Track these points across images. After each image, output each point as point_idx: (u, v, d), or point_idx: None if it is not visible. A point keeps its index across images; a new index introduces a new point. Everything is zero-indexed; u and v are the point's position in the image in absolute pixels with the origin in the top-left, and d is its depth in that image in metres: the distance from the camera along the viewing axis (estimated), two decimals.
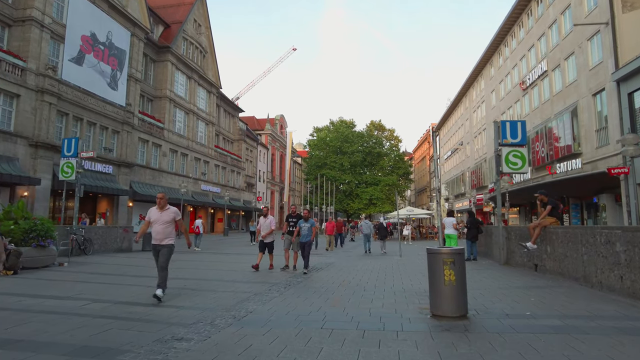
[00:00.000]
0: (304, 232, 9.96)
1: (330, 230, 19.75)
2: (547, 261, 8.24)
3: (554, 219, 8.40)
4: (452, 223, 12.01)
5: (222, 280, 8.43)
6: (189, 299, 6.30)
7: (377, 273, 9.63)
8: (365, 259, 13.83)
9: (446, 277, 4.73)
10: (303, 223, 10.05)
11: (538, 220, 8.62)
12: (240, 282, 8.12)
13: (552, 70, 26.28)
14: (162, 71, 35.78)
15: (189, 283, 7.97)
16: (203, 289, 7.30)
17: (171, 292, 6.64)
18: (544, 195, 8.77)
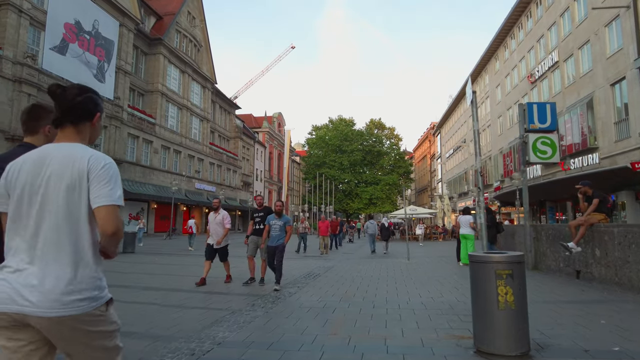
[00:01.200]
0: (275, 233, 7.27)
1: (324, 230, 16.73)
2: (595, 267, 6.74)
3: (603, 215, 6.92)
4: (469, 222, 10.53)
5: (197, 291, 6.92)
6: (147, 319, 4.80)
7: (385, 281, 8.14)
8: (369, 262, 12.35)
9: (501, 297, 3.23)
10: (274, 220, 7.36)
11: (583, 216, 7.13)
12: (218, 294, 6.62)
13: (564, 60, 24.82)
14: (153, 64, 34.25)
15: (158, 295, 6.47)
16: (169, 303, 5.80)
17: (130, 309, 5.15)
18: (587, 186, 7.27)
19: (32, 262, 1.45)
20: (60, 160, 1.51)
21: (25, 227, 1.49)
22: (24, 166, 1.54)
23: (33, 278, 1.42)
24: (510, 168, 32.81)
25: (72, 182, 1.50)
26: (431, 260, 12.60)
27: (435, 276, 8.74)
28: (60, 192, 1.49)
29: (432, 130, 73.61)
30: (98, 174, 1.51)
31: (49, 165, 1.51)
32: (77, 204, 1.50)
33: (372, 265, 11.21)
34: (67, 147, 1.55)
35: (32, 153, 1.56)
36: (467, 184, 48.66)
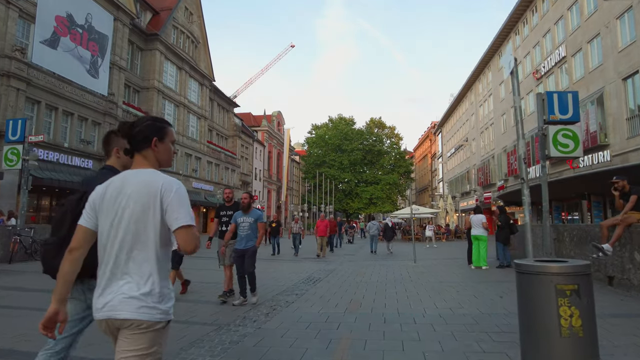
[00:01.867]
0: (243, 233, 5.86)
1: (322, 231, 15.17)
2: (634, 274, 5.95)
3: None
4: (481, 222, 9.75)
5: (182, 299, 6.12)
6: None
7: (393, 287, 7.35)
8: (372, 265, 11.57)
9: (564, 320, 2.44)
10: (241, 217, 5.94)
11: (620, 215, 6.34)
12: (206, 303, 5.81)
13: (572, 55, 24.05)
14: (149, 60, 33.43)
15: None
16: None
17: None
18: (623, 181, 6.47)
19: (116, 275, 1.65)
20: (136, 186, 1.69)
21: (111, 245, 1.68)
22: (107, 190, 1.73)
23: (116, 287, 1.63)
24: (515, 167, 32.03)
25: (147, 205, 1.66)
26: (439, 263, 11.82)
27: (447, 281, 7.96)
28: (135, 214, 1.67)
29: (433, 129, 72.84)
30: (172, 199, 1.67)
31: (127, 190, 1.69)
32: (150, 224, 1.67)
33: (377, 269, 10.42)
34: (142, 173, 1.74)
35: (115, 179, 1.75)
36: (469, 183, 47.88)
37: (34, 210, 24.46)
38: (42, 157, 21.80)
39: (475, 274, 8.92)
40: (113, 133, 2.42)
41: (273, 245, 15.62)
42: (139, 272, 1.64)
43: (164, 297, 1.67)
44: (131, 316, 1.59)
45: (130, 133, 1.80)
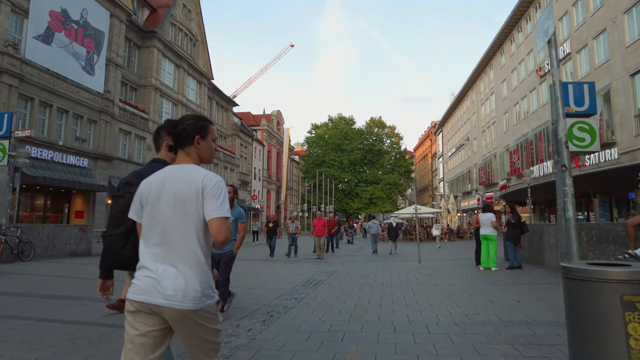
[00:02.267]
0: None
1: (319, 230, 14.21)
2: None
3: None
4: (490, 220, 9.25)
5: None
6: (91, 349, 3.52)
7: (400, 290, 6.87)
8: (375, 266, 11.09)
9: (634, 341, 1.95)
10: None
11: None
12: None
13: (577, 52, 23.59)
14: (147, 58, 32.91)
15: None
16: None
17: (80, 330, 3.87)
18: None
19: (162, 263, 1.76)
20: (179, 180, 1.81)
21: (155, 235, 1.80)
22: (152, 184, 1.86)
23: (164, 277, 1.73)
24: (518, 166, 31.57)
25: (189, 198, 1.78)
26: (445, 264, 11.33)
27: (457, 284, 7.47)
28: (179, 206, 1.78)
29: (434, 128, 72.38)
30: (210, 191, 1.77)
31: (171, 184, 1.81)
32: (192, 216, 1.78)
33: (380, 270, 9.93)
34: (184, 168, 1.86)
35: (159, 173, 1.88)
36: (470, 183, 47.41)
37: (30, 209, 23.98)
38: (36, 155, 21.30)
39: (485, 276, 8.44)
40: (162, 128, 2.52)
41: (270, 246, 14.99)
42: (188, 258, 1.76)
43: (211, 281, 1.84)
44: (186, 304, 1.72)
45: (174, 131, 1.91)
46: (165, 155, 2.43)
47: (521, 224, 9.34)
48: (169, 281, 1.71)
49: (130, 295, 1.75)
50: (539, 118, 28.70)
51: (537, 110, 29.14)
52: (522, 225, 9.31)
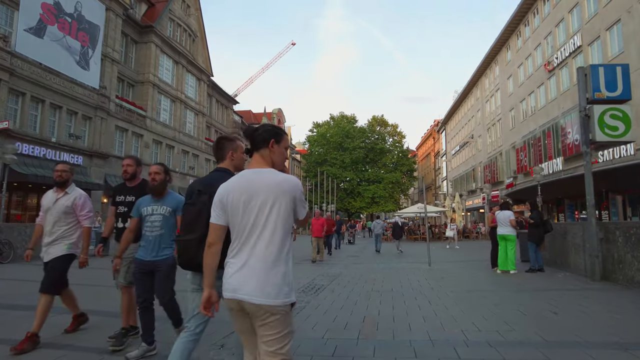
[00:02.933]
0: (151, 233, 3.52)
1: (317, 230, 12.60)
2: None
3: None
4: (509, 219, 8.43)
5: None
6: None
7: (414, 298, 6.08)
8: (382, 268, 10.30)
9: None
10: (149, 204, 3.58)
11: None
12: None
13: (589, 44, 22.72)
14: (144, 54, 32.15)
15: (97, 321, 4.40)
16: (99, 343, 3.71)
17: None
18: None
19: (247, 261, 1.89)
20: (261, 183, 1.96)
21: (241, 234, 1.94)
22: (233, 188, 1.99)
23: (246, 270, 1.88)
24: (525, 163, 30.72)
25: (274, 199, 1.92)
26: (456, 266, 10.52)
27: (476, 290, 6.67)
28: (264, 207, 1.92)
29: (437, 127, 71.51)
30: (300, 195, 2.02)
31: (254, 187, 1.95)
32: (277, 216, 1.92)
33: (388, 273, 9.13)
34: (265, 172, 2.00)
35: (238, 178, 2.02)
36: (475, 181, 46.55)
37: (23, 208, 23.27)
38: (27, 152, 20.58)
39: (505, 280, 7.63)
40: (224, 139, 2.71)
41: None
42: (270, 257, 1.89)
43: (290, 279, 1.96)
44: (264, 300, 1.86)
45: (253, 135, 2.11)
46: (228, 164, 2.64)
47: (544, 222, 8.51)
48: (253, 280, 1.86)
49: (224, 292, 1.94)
50: (547, 114, 27.86)
51: (545, 106, 28.29)
52: (545, 224, 8.49)
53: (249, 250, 1.89)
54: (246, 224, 1.92)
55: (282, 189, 1.93)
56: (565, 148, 24.21)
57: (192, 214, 2.44)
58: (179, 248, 2.51)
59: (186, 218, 2.51)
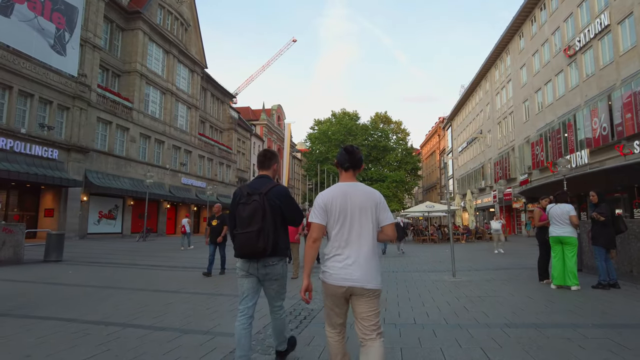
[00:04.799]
0: None
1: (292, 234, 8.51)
2: None
3: None
4: (568, 215, 6.12)
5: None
6: None
7: (454, 340, 3.79)
8: (395, 281, 8.02)
9: None
10: None
11: None
12: None
13: (619, 23, 20.35)
14: (131, 41, 29.99)
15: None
16: None
17: None
18: None
19: (349, 254, 2.42)
20: (359, 195, 2.50)
21: (342, 234, 2.46)
22: (335, 196, 2.51)
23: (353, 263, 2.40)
24: (541, 158, 28.35)
25: (369, 208, 2.48)
26: (488, 276, 8.21)
27: (544, 324, 4.37)
28: (361, 213, 2.47)
29: (442, 124, 69.09)
30: (383, 205, 2.53)
31: (352, 198, 2.49)
32: (370, 220, 2.47)
33: (402, 289, 6.85)
34: (359, 186, 2.54)
35: (338, 189, 2.53)
36: (484, 179, 44.14)
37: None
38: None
39: (573, 303, 5.32)
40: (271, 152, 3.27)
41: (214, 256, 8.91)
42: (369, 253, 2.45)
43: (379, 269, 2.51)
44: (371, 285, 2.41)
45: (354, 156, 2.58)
46: (271, 173, 3.20)
47: (614, 219, 6.19)
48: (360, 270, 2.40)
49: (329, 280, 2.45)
50: (567, 104, 25.49)
51: (565, 95, 25.91)
52: (615, 222, 6.17)
53: (359, 249, 2.43)
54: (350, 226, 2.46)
55: (371, 199, 2.51)
56: (591, 139, 21.83)
57: (248, 211, 2.89)
58: (241, 240, 2.88)
59: (243, 214, 2.91)
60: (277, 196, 2.97)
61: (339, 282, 2.38)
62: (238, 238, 2.88)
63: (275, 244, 2.88)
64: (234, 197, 3.07)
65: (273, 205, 2.92)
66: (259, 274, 2.95)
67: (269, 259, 2.90)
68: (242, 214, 2.91)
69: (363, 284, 2.36)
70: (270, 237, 2.84)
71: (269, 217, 2.87)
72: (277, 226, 2.94)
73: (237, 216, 2.95)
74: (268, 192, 2.94)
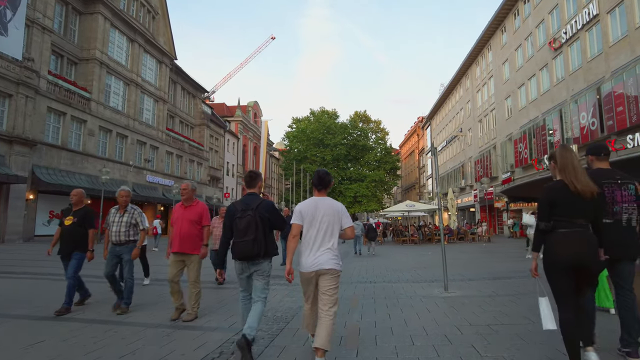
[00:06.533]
0: None
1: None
2: None
3: None
4: None
5: None
6: None
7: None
8: (374, 297, 6.35)
9: None
10: None
11: None
12: None
13: (608, 12, 19.34)
14: (90, 26, 27.50)
15: None
16: None
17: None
18: None
19: (317, 248, 3.38)
20: (326, 206, 3.48)
21: (313, 233, 3.42)
22: (309, 206, 3.49)
23: (319, 254, 3.36)
24: (525, 156, 27.33)
25: (334, 215, 3.45)
26: (485, 289, 6.59)
27: None
28: (328, 219, 3.43)
29: (421, 123, 68.27)
30: (344, 213, 3.51)
31: (320, 208, 3.46)
32: (335, 224, 3.45)
33: (382, 314, 5.17)
34: (326, 199, 3.55)
35: (311, 202, 3.53)
36: (464, 178, 43.24)
37: None
38: None
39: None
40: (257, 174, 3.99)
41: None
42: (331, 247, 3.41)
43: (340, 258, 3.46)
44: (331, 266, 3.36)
45: (325, 178, 3.59)
46: (257, 190, 3.92)
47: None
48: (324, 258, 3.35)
49: (302, 269, 3.41)
50: (552, 99, 24.50)
51: (550, 90, 24.91)
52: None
53: (323, 245, 3.39)
54: (319, 227, 3.42)
55: (335, 209, 3.49)
56: (579, 135, 20.78)
57: (244, 223, 3.68)
58: (240, 247, 3.65)
59: (240, 226, 3.69)
60: (265, 210, 3.75)
61: (310, 269, 3.36)
62: (237, 245, 3.66)
63: (266, 248, 3.68)
64: (229, 212, 3.80)
65: (263, 217, 3.70)
66: (250, 271, 3.72)
67: (259, 259, 3.68)
68: (239, 226, 3.68)
69: (325, 267, 3.33)
70: (262, 244, 3.65)
71: (261, 228, 3.66)
72: (267, 234, 3.72)
73: (235, 228, 3.71)
74: (258, 206, 3.71)
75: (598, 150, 3.45)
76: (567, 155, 3.02)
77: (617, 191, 3.32)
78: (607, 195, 3.27)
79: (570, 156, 3.01)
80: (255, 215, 3.63)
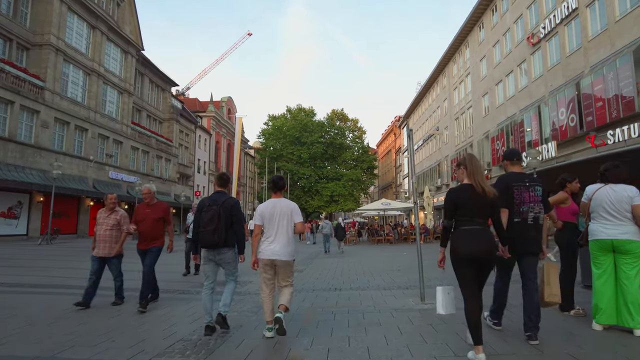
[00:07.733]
0: None
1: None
2: None
3: None
4: (632, 203, 3.57)
5: None
6: None
7: None
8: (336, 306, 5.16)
9: None
10: None
11: None
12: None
13: (587, 5, 18.80)
14: (44, 9, 25.41)
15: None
16: None
17: None
18: None
19: (274, 240, 4.06)
20: (282, 206, 4.16)
21: (272, 228, 4.11)
22: (266, 207, 4.19)
23: (276, 245, 4.05)
24: (502, 153, 26.79)
25: (289, 213, 4.13)
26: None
27: None
28: (284, 217, 4.12)
29: (398, 122, 67.85)
30: (296, 211, 4.19)
31: (279, 207, 4.15)
32: (289, 221, 4.12)
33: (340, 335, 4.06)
34: (283, 200, 4.23)
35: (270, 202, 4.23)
36: (440, 177, 42.76)
37: None
38: None
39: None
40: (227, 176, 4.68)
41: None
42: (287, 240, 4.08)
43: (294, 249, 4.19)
44: (285, 258, 4.05)
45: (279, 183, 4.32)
46: (227, 189, 4.56)
47: None
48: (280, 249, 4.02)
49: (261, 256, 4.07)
50: (530, 95, 23.97)
51: (528, 86, 24.39)
52: None
53: (279, 237, 4.05)
54: (276, 223, 4.09)
55: (289, 208, 4.16)
56: (557, 131, 20.23)
57: (209, 216, 4.16)
58: (202, 236, 4.16)
59: (205, 218, 4.18)
60: (229, 205, 4.29)
61: (268, 257, 4.03)
62: (201, 234, 4.16)
63: (226, 238, 4.17)
64: (199, 207, 4.38)
65: (226, 212, 4.23)
66: (216, 259, 4.26)
67: (221, 248, 4.19)
68: (204, 218, 4.19)
69: (281, 257, 4.02)
70: (222, 234, 4.11)
71: (222, 220, 4.16)
72: (228, 227, 4.22)
73: (201, 219, 4.22)
74: (223, 203, 4.26)
75: (511, 156, 3.96)
76: (476, 162, 3.38)
77: (525, 192, 3.69)
78: (516, 196, 3.67)
79: (478, 164, 3.39)
80: (219, 209, 4.17)
